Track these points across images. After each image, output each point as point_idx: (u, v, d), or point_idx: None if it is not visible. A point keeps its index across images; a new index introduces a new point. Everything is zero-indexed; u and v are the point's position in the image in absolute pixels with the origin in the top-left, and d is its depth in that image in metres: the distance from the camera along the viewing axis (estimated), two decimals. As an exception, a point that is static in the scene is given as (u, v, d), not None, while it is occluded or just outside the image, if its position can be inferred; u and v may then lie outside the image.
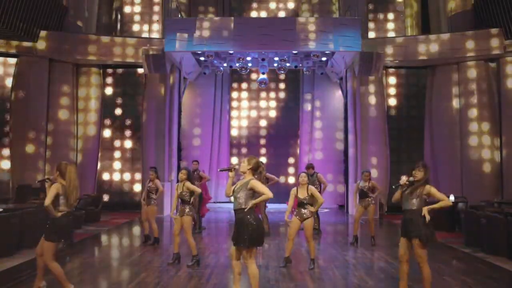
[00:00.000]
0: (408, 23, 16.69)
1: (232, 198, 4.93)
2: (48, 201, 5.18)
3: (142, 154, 14.58)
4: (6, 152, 14.01)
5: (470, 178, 13.68)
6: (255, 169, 4.91)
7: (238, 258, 4.83)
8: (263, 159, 17.29)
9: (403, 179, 5.08)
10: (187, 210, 6.93)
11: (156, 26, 16.71)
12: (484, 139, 13.70)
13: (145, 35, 16.26)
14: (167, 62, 13.77)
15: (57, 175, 5.38)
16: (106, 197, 15.10)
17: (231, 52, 14.43)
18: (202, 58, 15.09)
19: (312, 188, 6.79)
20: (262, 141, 17.72)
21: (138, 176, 15.11)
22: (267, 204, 10.67)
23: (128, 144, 15.66)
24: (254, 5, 18.02)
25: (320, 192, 8.90)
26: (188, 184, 7.00)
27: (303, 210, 6.74)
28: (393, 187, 5.15)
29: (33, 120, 13.68)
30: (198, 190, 7.27)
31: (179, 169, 14.58)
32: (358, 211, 9.01)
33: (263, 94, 17.78)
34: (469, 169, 13.73)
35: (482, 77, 13.91)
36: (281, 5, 18.11)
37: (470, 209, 9.36)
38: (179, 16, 15.38)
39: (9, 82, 14.14)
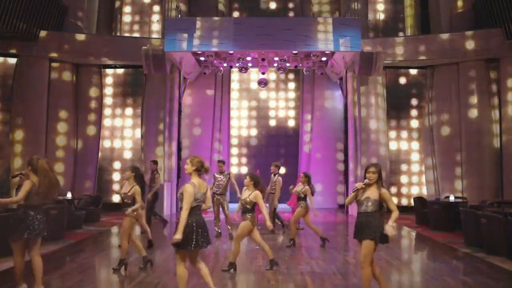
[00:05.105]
0: (408, 23, 16.69)
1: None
2: (21, 197, 5.04)
3: (142, 154, 14.59)
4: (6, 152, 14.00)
5: (470, 178, 13.68)
6: (199, 170, 4.81)
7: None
8: (263, 159, 17.28)
9: (359, 184, 5.00)
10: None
11: (156, 26, 16.70)
12: (484, 139, 13.69)
13: (145, 35, 16.25)
14: (167, 62, 13.76)
15: (29, 170, 5.18)
16: (106, 197, 15.08)
17: (231, 52, 14.43)
18: (202, 58, 15.08)
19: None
20: (262, 141, 17.71)
21: (137, 176, 15.08)
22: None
23: (128, 144, 15.67)
24: (254, 5, 18.01)
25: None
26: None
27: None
28: (352, 191, 5.09)
29: (33, 120, 13.68)
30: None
31: (179, 169, 14.61)
32: None
33: (263, 94, 17.76)
34: (469, 169, 13.73)
35: (482, 77, 13.91)
36: (281, 5, 18.10)
37: (470, 209, 9.35)
38: (179, 16, 15.37)
39: (9, 82, 14.13)
